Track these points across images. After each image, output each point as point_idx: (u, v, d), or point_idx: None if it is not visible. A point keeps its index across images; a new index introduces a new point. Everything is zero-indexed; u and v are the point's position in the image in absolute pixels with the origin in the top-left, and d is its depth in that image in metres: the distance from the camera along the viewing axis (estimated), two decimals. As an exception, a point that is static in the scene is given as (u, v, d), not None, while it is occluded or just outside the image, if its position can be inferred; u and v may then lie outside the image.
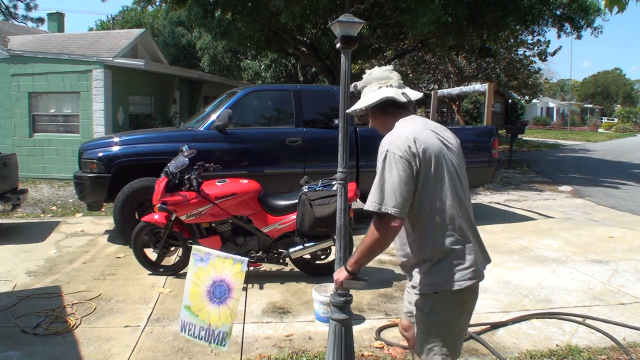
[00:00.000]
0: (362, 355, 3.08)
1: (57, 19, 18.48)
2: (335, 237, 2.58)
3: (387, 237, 1.86)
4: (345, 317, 2.49)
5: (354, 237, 4.52)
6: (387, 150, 1.85)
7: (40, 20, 25.18)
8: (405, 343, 3.21)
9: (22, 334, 3.35)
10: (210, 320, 2.57)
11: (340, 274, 2.11)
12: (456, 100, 22.75)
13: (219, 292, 2.59)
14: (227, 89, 8.62)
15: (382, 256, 5.16)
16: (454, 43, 12.86)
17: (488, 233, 6.34)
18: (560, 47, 41.00)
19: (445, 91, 11.20)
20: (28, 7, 24.98)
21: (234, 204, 4.37)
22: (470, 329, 3.43)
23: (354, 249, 2.10)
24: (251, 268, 4.38)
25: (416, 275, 1.96)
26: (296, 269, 4.61)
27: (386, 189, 1.81)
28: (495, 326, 3.50)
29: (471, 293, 1.95)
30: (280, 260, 4.50)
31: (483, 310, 3.80)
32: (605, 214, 7.86)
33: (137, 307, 3.85)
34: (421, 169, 1.83)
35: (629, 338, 3.35)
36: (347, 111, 2.29)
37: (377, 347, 3.21)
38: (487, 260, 2.05)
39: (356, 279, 2.08)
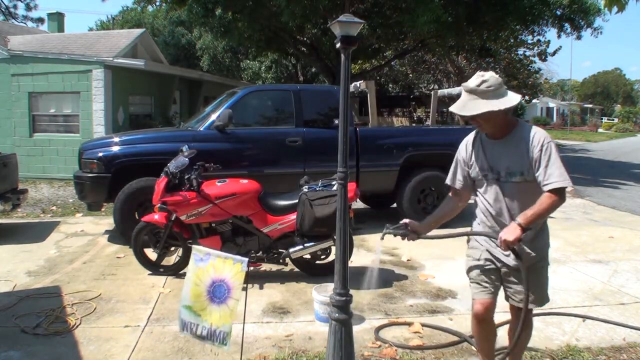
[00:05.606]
0: (362, 355, 3.08)
1: (57, 19, 18.45)
2: (335, 237, 2.57)
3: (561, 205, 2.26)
4: (345, 317, 2.48)
5: (354, 237, 4.52)
6: (551, 140, 2.26)
7: (40, 20, 25.20)
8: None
9: (22, 334, 3.35)
10: (212, 320, 2.58)
11: (514, 232, 2.18)
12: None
13: (218, 292, 2.59)
14: (227, 89, 8.61)
15: (382, 256, 5.16)
16: (454, 43, 12.87)
17: (488, 233, 6.34)
18: (560, 47, 40.88)
19: (445, 91, 11.18)
20: (28, 7, 25.02)
21: (234, 204, 4.36)
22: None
23: (531, 211, 2.21)
24: (251, 268, 4.38)
25: (535, 242, 2.36)
26: (296, 269, 4.61)
27: (563, 168, 2.21)
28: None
29: None
30: (280, 260, 4.50)
31: (483, 310, 3.79)
32: (605, 214, 7.85)
33: (137, 307, 3.85)
34: None
35: (629, 338, 3.35)
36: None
37: (377, 347, 3.21)
38: None
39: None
